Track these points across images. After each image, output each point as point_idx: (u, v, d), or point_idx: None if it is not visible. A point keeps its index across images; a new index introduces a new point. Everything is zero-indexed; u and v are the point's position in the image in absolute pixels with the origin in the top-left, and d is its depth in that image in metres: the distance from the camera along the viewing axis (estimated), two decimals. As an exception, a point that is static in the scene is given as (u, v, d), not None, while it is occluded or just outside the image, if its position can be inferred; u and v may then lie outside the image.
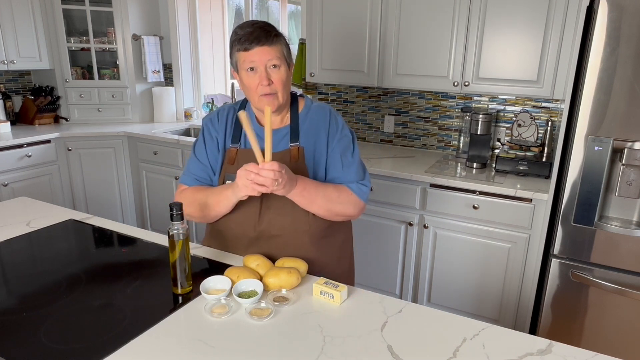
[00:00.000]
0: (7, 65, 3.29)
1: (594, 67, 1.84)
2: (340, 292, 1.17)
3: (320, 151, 1.39)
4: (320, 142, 1.39)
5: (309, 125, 1.40)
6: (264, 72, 1.27)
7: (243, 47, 1.25)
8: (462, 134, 2.83)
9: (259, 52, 1.25)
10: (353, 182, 1.39)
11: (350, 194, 1.38)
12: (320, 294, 1.19)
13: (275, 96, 1.30)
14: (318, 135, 1.39)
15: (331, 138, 1.40)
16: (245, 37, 1.25)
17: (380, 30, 2.63)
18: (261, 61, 1.26)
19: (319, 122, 1.40)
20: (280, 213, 1.37)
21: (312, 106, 1.43)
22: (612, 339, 2.04)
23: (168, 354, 0.98)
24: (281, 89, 1.30)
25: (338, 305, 1.16)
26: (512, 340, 1.05)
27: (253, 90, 1.30)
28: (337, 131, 1.40)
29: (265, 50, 1.25)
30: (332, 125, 1.41)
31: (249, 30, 1.25)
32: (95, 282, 1.26)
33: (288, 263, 1.28)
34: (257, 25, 1.26)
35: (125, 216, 3.67)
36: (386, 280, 2.69)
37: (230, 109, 1.46)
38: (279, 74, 1.28)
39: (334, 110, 1.45)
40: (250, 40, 1.24)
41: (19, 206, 1.83)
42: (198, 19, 3.91)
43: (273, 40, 1.26)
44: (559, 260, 2.08)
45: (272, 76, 1.28)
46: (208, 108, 3.92)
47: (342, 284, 1.20)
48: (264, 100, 1.30)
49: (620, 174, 1.88)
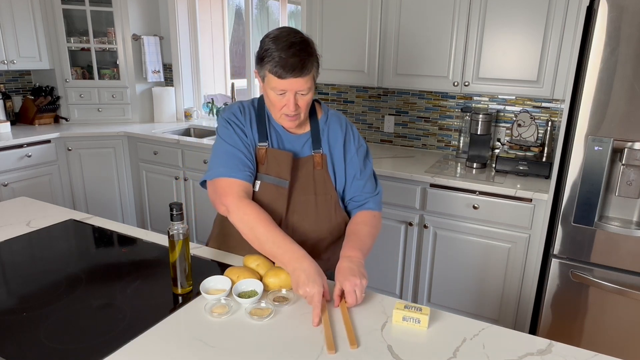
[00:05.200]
0: (7, 65, 3.29)
1: (594, 67, 1.84)
2: (427, 315, 1.08)
3: (338, 160, 1.41)
4: (337, 151, 1.41)
5: (328, 133, 1.42)
6: (292, 98, 1.25)
7: (277, 73, 1.21)
8: (462, 134, 2.83)
9: (293, 83, 1.22)
10: (372, 195, 1.42)
11: (373, 215, 1.41)
12: (402, 321, 1.09)
13: (298, 116, 1.31)
14: (335, 144, 1.41)
15: (348, 148, 1.42)
16: (281, 63, 1.20)
17: (381, 30, 2.63)
18: (292, 90, 1.25)
19: (337, 130, 1.42)
20: (304, 219, 1.37)
21: (330, 114, 1.45)
22: (612, 339, 2.04)
23: (168, 354, 0.98)
24: (305, 109, 1.31)
25: (425, 330, 1.08)
26: (512, 340, 1.05)
27: (277, 108, 1.29)
28: (353, 141, 1.43)
29: (299, 82, 1.23)
30: (347, 135, 1.43)
31: (286, 56, 1.19)
32: (95, 282, 1.26)
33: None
34: (295, 50, 1.20)
35: (125, 216, 3.67)
36: (386, 280, 2.69)
37: (250, 107, 1.40)
38: (306, 98, 1.28)
39: (348, 119, 1.48)
40: (285, 69, 1.20)
41: (19, 206, 1.83)
42: (198, 19, 3.91)
43: (308, 71, 1.23)
44: (559, 260, 2.08)
45: (299, 102, 1.28)
46: (208, 108, 3.92)
47: (425, 306, 1.10)
48: (285, 119, 1.31)
49: (620, 174, 1.88)
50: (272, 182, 1.35)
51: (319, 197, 1.38)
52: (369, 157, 1.47)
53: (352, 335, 1.03)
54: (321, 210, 1.38)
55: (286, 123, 1.33)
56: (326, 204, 1.38)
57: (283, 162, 1.35)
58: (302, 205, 1.36)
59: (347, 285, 1.13)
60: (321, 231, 1.39)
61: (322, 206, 1.38)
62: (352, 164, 1.42)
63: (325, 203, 1.38)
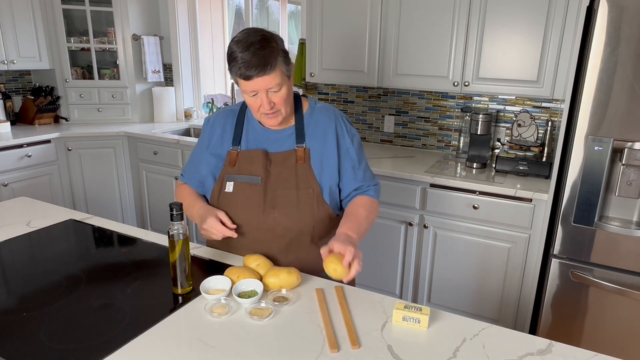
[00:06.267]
0: (7, 65, 3.29)
1: (594, 67, 1.84)
2: (427, 315, 1.08)
3: (330, 153, 1.39)
4: (329, 144, 1.40)
5: (314, 126, 1.41)
6: (265, 97, 1.26)
7: (242, 75, 1.23)
8: (462, 134, 2.83)
9: (260, 82, 1.23)
10: (371, 185, 1.45)
11: (372, 201, 1.43)
12: (402, 321, 1.09)
13: (278, 113, 1.32)
14: (326, 137, 1.40)
15: (341, 140, 1.41)
16: (244, 65, 1.21)
17: (381, 30, 2.63)
18: (262, 89, 1.25)
19: (325, 123, 1.41)
20: (286, 213, 1.36)
21: (316, 107, 1.44)
22: (612, 339, 2.04)
23: (168, 354, 0.98)
24: (283, 105, 1.31)
25: (425, 330, 1.08)
26: (512, 340, 1.05)
27: (256, 110, 1.32)
28: (346, 132, 1.42)
29: (266, 80, 1.23)
30: (339, 126, 1.42)
31: (247, 57, 1.20)
32: (95, 282, 1.26)
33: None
34: (254, 49, 1.20)
35: (125, 216, 3.67)
36: (386, 280, 2.69)
37: (230, 113, 1.46)
38: (280, 94, 1.28)
39: (337, 110, 1.47)
40: (249, 70, 1.21)
41: (19, 206, 1.82)
42: (198, 19, 3.91)
43: (272, 67, 1.22)
44: (559, 260, 2.08)
45: (273, 99, 1.28)
46: (208, 108, 3.92)
47: (425, 306, 1.11)
48: (265, 118, 1.33)
49: (620, 174, 1.88)
50: (245, 180, 1.37)
51: (300, 191, 1.36)
52: (362, 147, 1.48)
53: (353, 336, 1.03)
54: (303, 204, 1.36)
55: (268, 121, 1.35)
56: (308, 198, 1.37)
57: (255, 159, 1.37)
58: (283, 199, 1.36)
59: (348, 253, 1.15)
60: (303, 225, 1.38)
61: (303, 200, 1.36)
62: (349, 154, 1.42)
63: (307, 197, 1.37)
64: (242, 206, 1.37)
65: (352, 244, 1.20)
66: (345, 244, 1.18)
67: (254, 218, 1.37)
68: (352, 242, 1.21)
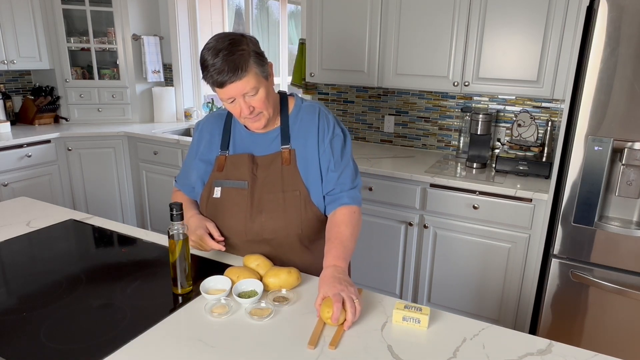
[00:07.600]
0: (7, 65, 3.29)
1: (594, 67, 1.84)
2: (427, 315, 1.08)
3: (311, 152, 1.36)
4: (311, 143, 1.36)
5: (299, 126, 1.38)
6: (243, 102, 1.24)
7: (215, 83, 1.21)
8: (462, 134, 2.83)
9: (234, 88, 1.21)
10: (347, 189, 1.36)
11: (352, 212, 1.35)
12: (402, 321, 1.09)
13: (260, 115, 1.30)
14: (308, 136, 1.36)
15: (321, 139, 1.36)
16: (216, 72, 1.18)
17: (380, 30, 2.63)
18: (238, 94, 1.23)
19: (308, 122, 1.37)
20: (272, 217, 1.34)
21: (303, 106, 1.40)
22: (612, 339, 2.04)
23: (168, 354, 0.98)
24: (265, 107, 1.28)
25: (425, 330, 1.08)
26: (512, 340, 1.05)
27: (237, 115, 1.30)
28: (328, 131, 1.37)
29: (240, 85, 1.21)
30: (321, 124, 1.37)
31: (218, 64, 1.18)
32: (95, 282, 1.26)
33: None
34: (223, 55, 1.18)
35: (125, 216, 3.67)
36: (386, 280, 2.69)
37: (218, 118, 1.45)
38: (258, 97, 1.25)
39: (324, 108, 1.42)
40: (221, 77, 1.19)
41: (19, 206, 1.83)
42: (198, 19, 3.91)
43: (244, 71, 1.19)
44: (559, 260, 2.08)
45: (252, 103, 1.25)
46: (208, 108, 3.92)
47: (425, 306, 1.11)
48: (249, 122, 1.31)
49: (620, 174, 1.88)
50: (232, 185, 1.36)
51: (287, 194, 1.34)
52: (348, 146, 1.40)
53: (337, 337, 1.03)
54: (290, 207, 1.34)
55: (252, 125, 1.33)
56: (294, 201, 1.34)
57: (241, 164, 1.36)
58: (270, 203, 1.34)
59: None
60: (291, 228, 1.36)
61: (290, 203, 1.34)
62: (325, 155, 1.35)
63: (294, 199, 1.34)
64: (229, 211, 1.36)
65: (341, 281, 1.14)
66: (333, 286, 1.11)
67: (241, 223, 1.36)
68: (340, 280, 1.14)
